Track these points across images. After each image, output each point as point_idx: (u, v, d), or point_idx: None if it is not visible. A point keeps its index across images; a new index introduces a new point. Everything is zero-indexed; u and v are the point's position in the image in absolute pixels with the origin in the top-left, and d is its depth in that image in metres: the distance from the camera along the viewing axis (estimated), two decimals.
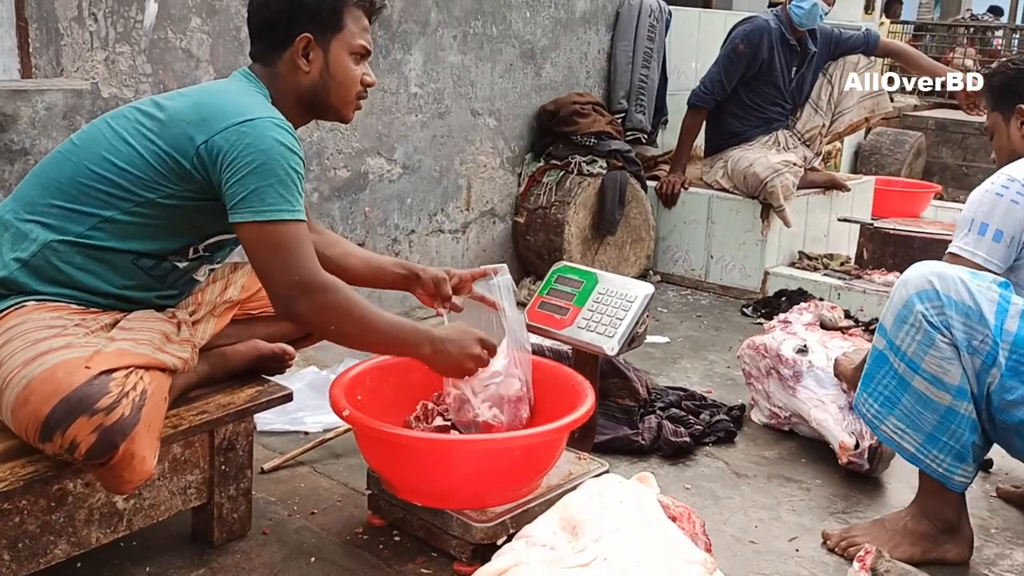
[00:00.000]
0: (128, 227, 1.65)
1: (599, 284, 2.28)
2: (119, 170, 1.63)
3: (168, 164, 1.62)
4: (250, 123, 1.61)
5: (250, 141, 1.59)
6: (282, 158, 1.61)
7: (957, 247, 1.96)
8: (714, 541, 1.73)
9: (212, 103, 1.66)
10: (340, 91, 1.80)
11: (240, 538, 1.91)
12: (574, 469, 2.03)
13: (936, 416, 1.86)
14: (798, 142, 4.20)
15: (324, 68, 1.78)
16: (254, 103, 1.68)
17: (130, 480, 1.52)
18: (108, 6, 2.51)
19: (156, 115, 1.66)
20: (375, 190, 3.36)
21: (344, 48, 1.78)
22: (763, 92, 4.10)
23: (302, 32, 1.74)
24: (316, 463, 2.30)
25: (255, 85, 1.77)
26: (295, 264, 1.63)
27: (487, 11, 3.66)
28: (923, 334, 1.82)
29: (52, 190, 1.65)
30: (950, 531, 1.95)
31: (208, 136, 1.60)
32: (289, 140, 1.64)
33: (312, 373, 2.69)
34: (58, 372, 1.47)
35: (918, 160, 7.30)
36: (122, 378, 1.51)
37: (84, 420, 1.44)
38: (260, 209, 1.60)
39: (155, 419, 1.56)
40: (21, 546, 1.54)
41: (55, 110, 2.37)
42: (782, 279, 4.00)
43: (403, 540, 1.94)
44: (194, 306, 1.86)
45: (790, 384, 2.50)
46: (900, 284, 1.88)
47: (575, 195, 3.79)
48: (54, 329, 1.56)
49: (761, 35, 3.98)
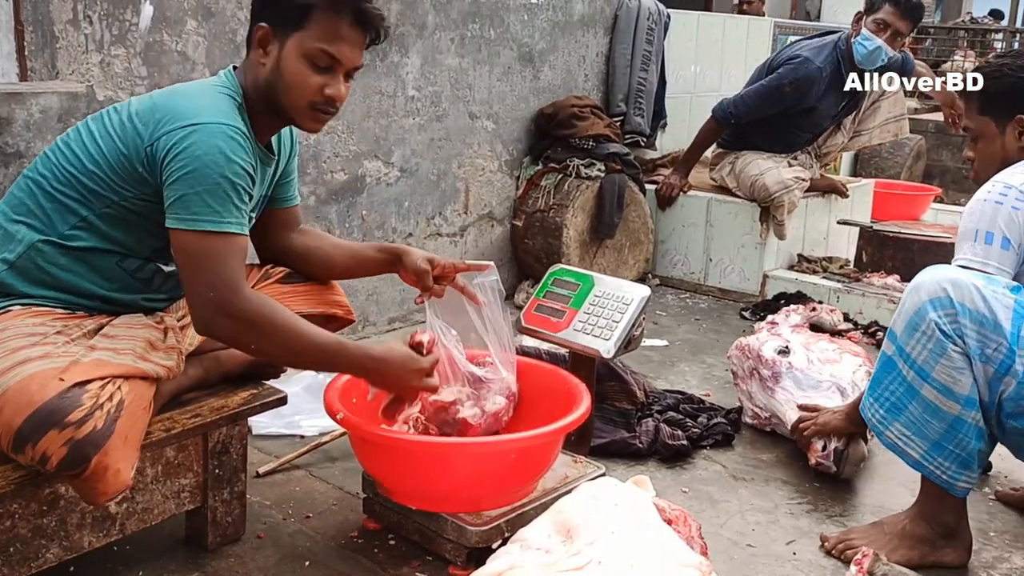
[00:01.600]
0: (104, 227, 1.64)
1: (595, 287, 2.27)
2: (88, 171, 1.63)
3: (124, 166, 1.61)
4: (196, 127, 1.57)
5: (188, 145, 1.56)
6: (215, 166, 1.56)
7: (966, 259, 1.88)
8: (711, 544, 1.72)
9: (169, 105, 1.62)
10: (288, 94, 1.69)
11: (234, 542, 1.91)
12: (570, 472, 2.02)
13: (944, 425, 1.83)
14: (814, 159, 4.18)
15: (276, 65, 1.69)
16: (211, 107, 1.62)
17: (104, 492, 1.49)
18: (103, 9, 2.51)
19: (123, 115, 1.65)
20: (372, 193, 3.36)
21: (299, 49, 1.67)
22: (799, 124, 4.00)
23: (263, 21, 1.69)
24: (311, 467, 2.29)
25: (229, 86, 1.72)
26: (215, 279, 1.57)
27: (485, 14, 3.66)
28: (935, 343, 1.79)
29: (36, 191, 1.65)
30: (949, 535, 1.94)
31: (154, 139, 1.58)
32: (231, 148, 1.58)
33: (308, 377, 2.68)
34: (32, 384, 1.45)
35: (918, 163, 7.29)
36: (97, 390, 1.49)
37: (55, 433, 1.42)
38: (183, 217, 1.57)
39: (133, 430, 1.54)
40: (12, 550, 1.54)
41: (50, 113, 2.36)
42: (781, 282, 3.99)
43: (398, 544, 1.93)
44: (184, 310, 1.84)
45: (769, 385, 2.51)
46: (912, 290, 1.84)
47: (573, 198, 3.79)
48: (34, 337, 1.55)
49: (811, 85, 3.80)
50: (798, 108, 3.90)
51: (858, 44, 3.77)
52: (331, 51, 1.68)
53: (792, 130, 4.03)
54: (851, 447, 2.26)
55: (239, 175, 1.60)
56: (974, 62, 9.93)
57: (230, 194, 1.58)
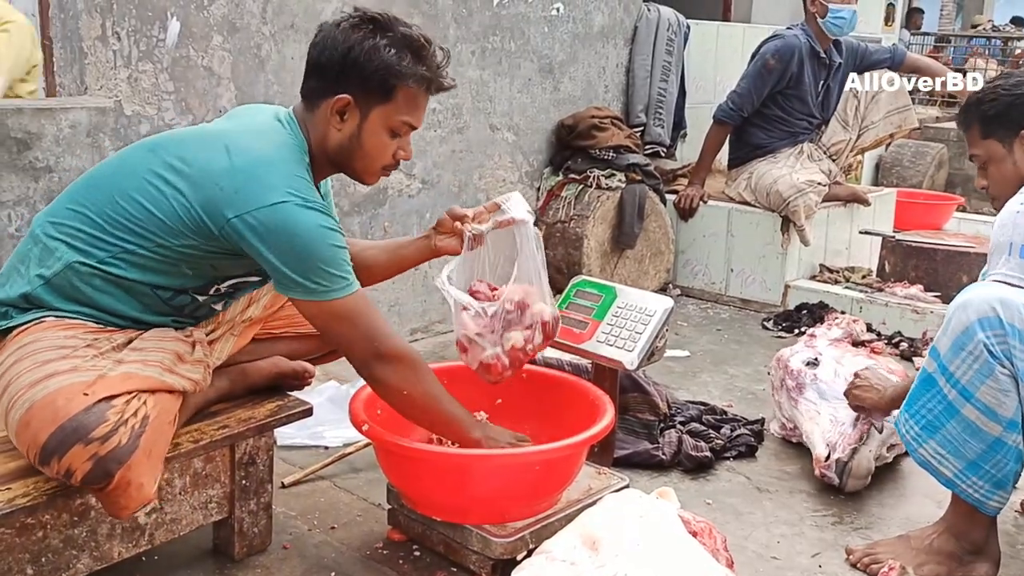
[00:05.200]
0: (149, 261, 1.64)
1: (618, 298, 2.28)
2: (147, 212, 1.61)
3: (196, 221, 1.60)
4: (283, 207, 1.57)
5: (287, 227, 1.58)
6: (322, 238, 1.60)
7: (1002, 274, 1.83)
8: (736, 557, 1.72)
9: (247, 174, 1.59)
10: (365, 160, 1.75)
11: (261, 552, 1.92)
12: (594, 484, 2.02)
13: (983, 446, 1.80)
14: (823, 155, 4.18)
15: (356, 133, 1.71)
16: (288, 177, 1.62)
17: (127, 506, 1.51)
18: (131, 25, 2.55)
19: (182, 169, 1.61)
20: (394, 205, 3.38)
21: (384, 121, 1.71)
22: (790, 106, 4.09)
23: (345, 91, 1.68)
24: (336, 477, 2.30)
25: (292, 135, 1.71)
26: (367, 334, 1.69)
27: (505, 26, 3.68)
28: (982, 363, 1.75)
29: (81, 215, 1.64)
30: (978, 551, 1.91)
31: (240, 212, 1.57)
32: (325, 220, 1.62)
33: (332, 387, 2.70)
34: (58, 398, 1.47)
35: (940, 172, 7.25)
36: (122, 405, 1.50)
37: (79, 448, 1.44)
38: (312, 290, 1.62)
39: (157, 444, 1.56)
40: (44, 560, 1.56)
41: (79, 128, 2.40)
42: (803, 292, 3.97)
43: (423, 555, 1.94)
44: (213, 324, 1.86)
45: (793, 396, 2.50)
46: (959, 308, 1.79)
47: (594, 209, 3.79)
48: (64, 350, 1.56)
49: (792, 51, 3.96)
50: (785, 83, 4.01)
51: (830, 23, 3.95)
52: (411, 121, 1.75)
53: (785, 116, 4.10)
54: (854, 460, 2.24)
55: (339, 240, 1.65)
56: (996, 69, 9.86)
57: (343, 258, 1.65)
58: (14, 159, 2.29)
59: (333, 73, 1.68)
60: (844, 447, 2.26)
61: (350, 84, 1.68)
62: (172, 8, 2.62)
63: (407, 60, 1.68)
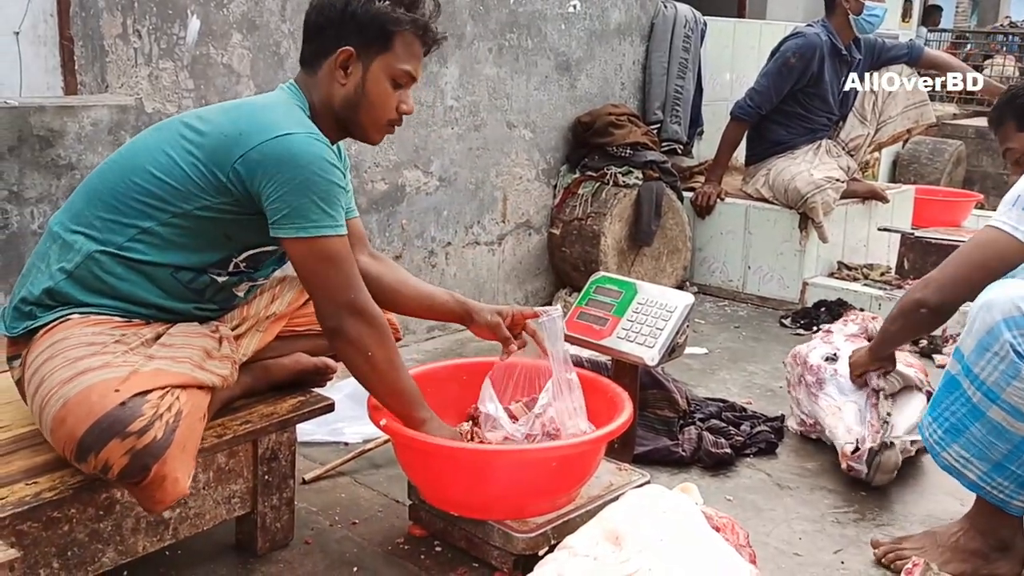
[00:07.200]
0: (166, 239, 1.67)
1: (638, 294, 2.27)
2: (158, 181, 1.65)
3: (205, 176, 1.64)
4: (287, 137, 1.62)
5: (290, 156, 1.61)
6: (323, 172, 1.62)
7: (1000, 220, 1.85)
8: (758, 553, 1.71)
9: (250, 117, 1.67)
10: (371, 112, 1.79)
11: (283, 547, 1.93)
12: (615, 480, 2.01)
13: (1008, 446, 1.77)
14: (842, 151, 4.16)
15: (360, 85, 1.76)
16: (292, 118, 1.69)
17: (162, 500, 1.52)
18: (152, 23, 2.56)
19: (198, 127, 1.68)
20: (412, 202, 3.38)
21: (385, 70, 1.76)
22: (810, 103, 4.08)
23: (346, 44, 1.74)
24: (356, 473, 2.31)
25: (296, 98, 1.78)
26: (345, 280, 1.68)
27: (522, 23, 3.68)
28: (1008, 364, 1.71)
29: (96, 202, 1.68)
30: (1003, 548, 1.89)
31: (245, 150, 1.62)
32: (328, 154, 1.65)
33: (352, 384, 2.69)
34: (92, 394, 1.48)
35: (958, 169, 7.19)
36: (156, 400, 1.51)
37: (116, 443, 1.45)
38: (303, 225, 1.62)
39: (190, 439, 1.57)
40: (70, 554, 1.57)
41: (100, 125, 2.41)
42: (821, 289, 3.95)
43: (444, 550, 1.94)
44: (239, 320, 1.87)
45: (813, 391, 2.49)
46: (983, 308, 1.76)
47: (611, 206, 3.79)
48: (94, 347, 1.58)
49: (814, 49, 3.96)
50: (806, 82, 4.00)
51: (864, 20, 3.95)
52: (410, 70, 1.79)
53: (805, 113, 4.09)
54: (883, 453, 2.22)
55: (339, 179, 1.67)
56: (1014, 66, 9.79)
57: (339, 197, 1.66)
58: (37, 156, 2.31)
59: (333, 30, 1.75)
60: (873, 436, 2.25)
61: (350, 37, 1.74)
62: (192, 6, 2.63)
63: (401, 8, 1.75)
